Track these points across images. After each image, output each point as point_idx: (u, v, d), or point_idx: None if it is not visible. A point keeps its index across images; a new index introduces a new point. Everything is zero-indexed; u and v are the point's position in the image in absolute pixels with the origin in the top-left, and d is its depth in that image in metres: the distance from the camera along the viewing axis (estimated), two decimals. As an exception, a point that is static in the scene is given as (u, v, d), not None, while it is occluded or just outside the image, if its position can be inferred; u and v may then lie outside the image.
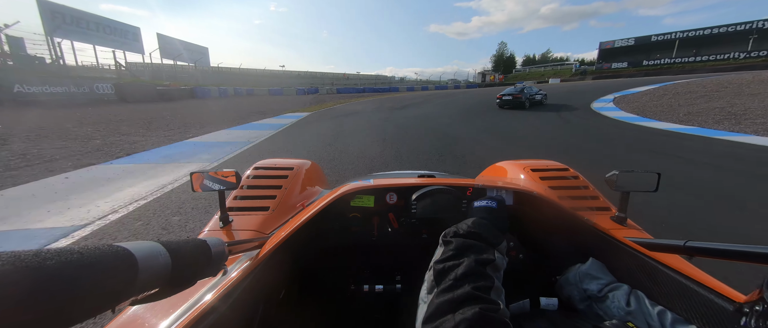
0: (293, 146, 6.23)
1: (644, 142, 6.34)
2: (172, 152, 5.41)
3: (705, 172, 4.15)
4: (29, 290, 0.22)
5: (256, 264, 0.71)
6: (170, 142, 6.23)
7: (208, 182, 0.92)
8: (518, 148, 6.10)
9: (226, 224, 0.99)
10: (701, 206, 3.00)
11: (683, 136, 6.83)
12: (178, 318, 0.52)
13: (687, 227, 2.57)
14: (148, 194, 3.39)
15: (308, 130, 8.12)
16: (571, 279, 0.82)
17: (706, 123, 8.07)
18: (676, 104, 11.13)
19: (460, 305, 0.51)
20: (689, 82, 17.04)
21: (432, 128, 8.31)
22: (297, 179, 1.31)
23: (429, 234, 1.10)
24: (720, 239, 2.42)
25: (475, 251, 0.62)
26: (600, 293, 0.74)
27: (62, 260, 0.25)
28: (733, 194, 3.30)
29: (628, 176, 0.90)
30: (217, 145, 6.19)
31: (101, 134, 6.85)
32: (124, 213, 2.91)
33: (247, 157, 5.27)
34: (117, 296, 0.30)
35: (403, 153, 5.43)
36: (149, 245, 0.36)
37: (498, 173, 1.58)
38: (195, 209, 2.99)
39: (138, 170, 4.33)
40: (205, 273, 0.47)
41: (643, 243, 0.76)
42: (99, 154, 5.13)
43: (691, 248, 0.58)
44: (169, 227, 2.63)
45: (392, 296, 1.13)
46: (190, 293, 0.49)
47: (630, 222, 0.96)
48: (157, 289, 0.36)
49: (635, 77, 32.79)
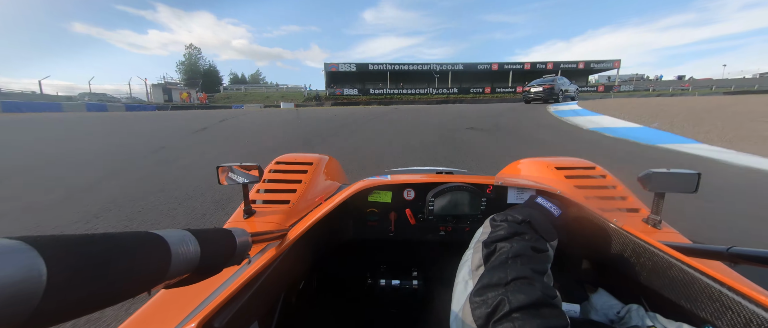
0: None
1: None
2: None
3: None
4: (80, 273, 0.24)
5: (278, 255, 0.74)
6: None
7: (233, 175, 0.95)
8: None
9: (249, 216, 1.03)
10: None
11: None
12: (205, 302, 0.55)
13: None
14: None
15: None
16: (585, 307, 0.77)
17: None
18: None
19: (513, 281, 0.47)
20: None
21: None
22: (316, 174, 1.33)
23: (446, 231, 1.09)
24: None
25: (528, 238, 0.59)
26: (620, 315, 0.69)
27: (108, 246, 0.27)
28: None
29: (664, 175, 0.84)
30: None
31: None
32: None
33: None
34: (153, 279, 0.32)
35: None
36: (180, 233, 0.38)
37: (520, 170, 1.53)
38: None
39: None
40: (231, 262, 0.49)
41: (680, 248, 0.70)
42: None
43: (736, 254, 0.53)
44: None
45: (409, 291, 1.14)
46: (216, 279, 0.52)
47: (665, 225, 0.89)
48: (187, 274, 0.38)
49: (371, 105, 27.79)
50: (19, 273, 0.20)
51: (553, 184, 1.07)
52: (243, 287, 0.61)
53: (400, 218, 1.09)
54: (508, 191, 1.06)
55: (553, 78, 15.75)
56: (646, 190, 0.86)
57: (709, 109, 9.35)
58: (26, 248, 0.21)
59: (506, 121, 8.88)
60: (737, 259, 0.53)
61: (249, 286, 0.63)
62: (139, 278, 0.30)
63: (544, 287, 0.47)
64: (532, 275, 0.49)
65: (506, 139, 6.36)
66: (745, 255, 0.52)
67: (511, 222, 0.65)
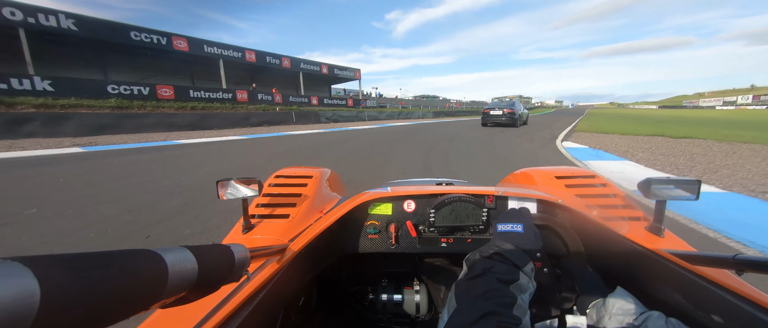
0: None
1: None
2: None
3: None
4: (74, 292, 0.23)
5: (277, 271, 0.73)
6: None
7: (232, 190, 0.95)
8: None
9: (248, 231, 1.02)
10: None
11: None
12: (203, 321, 0.54)
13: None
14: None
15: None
16: (599, 309, 0.75)
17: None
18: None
19: (478, 321, 0.50)
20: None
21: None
22: (316, 187, 1.33)
23: (448, 243, 1.08)
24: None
25: (497, 271, 0.61)
26: (638, 323, 0.66)
27: (103, 264, 0.27)
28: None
29: (664, 182, 0.84)
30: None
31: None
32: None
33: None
34: (149, 299, 0.31)
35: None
36: (178, 250, 0.37)
37: (520, 180, 1.53)
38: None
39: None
40: (229, 279, 0.48)
41: (684, 256, 0.69)
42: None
43: (742, 261, 0.52)
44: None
45: (411, 304, 1.11)
46: (214, 297, 0.51)
47: (668, 233, 0.89)
48: (184, 293, 0.37)
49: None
50: (9, 294, 0.20)
51: (553, 193, 1.07)
52: (241, 304, 0.60)
53: (401, 231, 1.08)
54: (509, 201, 1.05)
55: (512, 102, 15.29)
56: (647, 198, 0.86)
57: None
58: (18, 267, 0.21)
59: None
60: (743, 267, 0.52)
61: (247, 303, 0.61)
62: (135, 298, 0.29)
63: (507, 320, 0.51)
64: (497, 310, 0.52)
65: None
66: (751, 262, 0.51)
67: (482, 259, 0.67)
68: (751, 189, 4.08)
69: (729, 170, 5.25)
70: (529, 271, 0.65)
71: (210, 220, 3.07)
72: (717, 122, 20.19)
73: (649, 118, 25.51)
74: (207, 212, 3.27)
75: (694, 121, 21.35)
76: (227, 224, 2.93)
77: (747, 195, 3.93)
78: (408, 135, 11.84)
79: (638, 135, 10.95)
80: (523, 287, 0.61)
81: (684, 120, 23.87)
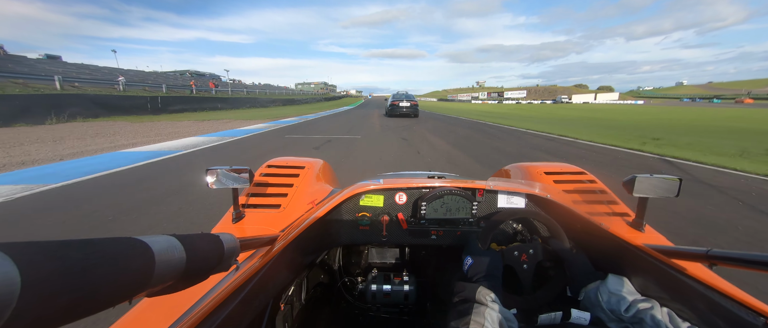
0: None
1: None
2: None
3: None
4: (56, 280, 0.23)
5: (267, 261, 0.73)
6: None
7: (222, 179, 0.94)
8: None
9: (238, 221, 1.01)
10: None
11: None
12: (190, 311, 0.53)
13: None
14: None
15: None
16: (592, 299, 0.78)
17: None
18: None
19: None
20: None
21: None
22: (308, 178, 1.32)
23: (438, 235, 1.09)
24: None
25: (455, 317, 0.69)
26: (630, 313, 0.69)
27: (86, 251, 0.26)
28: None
29: (647, 180, 0.87)
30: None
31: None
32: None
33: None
34: (135, 287, 0.31)
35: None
36: (165, 239, 0.36)
37: (510, 175, 1.55)
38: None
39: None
40: (218, 268, 0.48)
41: (662, 250, 0.72)
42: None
43: (714, 255, 0.55)
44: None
45: (401, 295, 1.13)
46: (202, 286, 0.50)
47: (648, 228, 0.92)
48: (171, 282, 0.37)
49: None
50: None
51: (543, 188, 1.09)
52: (230, 294, 0.60)
53: (392, 222, 1.08)
54: (499, 195, 1.07)
55: (408, 93, 16.49)
56: (631, 194, 0.89)
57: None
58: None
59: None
60: (715, 260, 0.55)
61: (236, 293, 0.61)
62: (120, 286, 0.29)
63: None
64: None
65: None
66: (723, 257, 0.54)
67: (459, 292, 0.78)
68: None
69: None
70: (484, 296, 0.71)
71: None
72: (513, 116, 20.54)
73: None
74: None
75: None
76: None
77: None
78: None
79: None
80: (483, 303, 0.69)
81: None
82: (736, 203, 3.52)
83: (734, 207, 3.38)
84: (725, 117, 20.10)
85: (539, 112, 27.40)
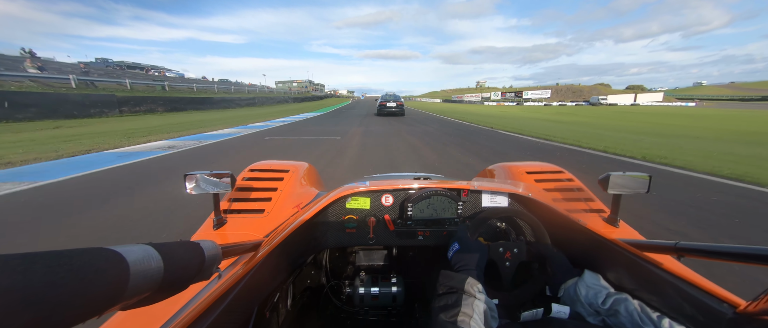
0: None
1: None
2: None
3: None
4: (16, 295, 0.21)
5: (251, 267, 0.71)
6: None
7: (202, 184, 0.91)
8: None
9: (220, 227, 0.98)
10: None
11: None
12: (169, 323, 0.51)
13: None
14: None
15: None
16: (572, 294, 0.81)
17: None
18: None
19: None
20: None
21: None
22: (293, 181, 1.30)
23: (424, 236, 1.10)
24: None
25: (442, 309, 0.68)
26: (606, 306, 0.72)
27: (51, 264, 0.24)
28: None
29: (620, 177, 0.91)
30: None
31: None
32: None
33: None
34: (107, 301, 0.29)
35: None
36: (141, 248, 0.35)
37: (494, 175, 1.59)
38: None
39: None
40: (198, 277, 0.46)
41: (634, 243, 0.76)
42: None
43: (682, 248, 0.58)
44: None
45: (388, 297, 1.13)
46: (181, 296, 0.48)
47: (622, 223, 0.97)
48: (147, 293, 0.35)
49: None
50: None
51: (524, 188, 1.13)
52: (212, 303, 0.58)
53: (379, 224, 1.08)
54: (483, 195, 1.09)
55: (395, 94, 18.34)
56: (605, 191, 0.93)
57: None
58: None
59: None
60: (683, 252, 0.58)
61: (219, 302, 0.59)
62: (90, 300, 0.27)
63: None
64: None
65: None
66: (689, 249, 0.57)
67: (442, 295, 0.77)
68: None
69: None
70: (472, 289, 0.70)
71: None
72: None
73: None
74: None
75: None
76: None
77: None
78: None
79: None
80: (470, 295, 0.68)
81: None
82: None
83: None
84: None
85: (600, 120, 17.17)
